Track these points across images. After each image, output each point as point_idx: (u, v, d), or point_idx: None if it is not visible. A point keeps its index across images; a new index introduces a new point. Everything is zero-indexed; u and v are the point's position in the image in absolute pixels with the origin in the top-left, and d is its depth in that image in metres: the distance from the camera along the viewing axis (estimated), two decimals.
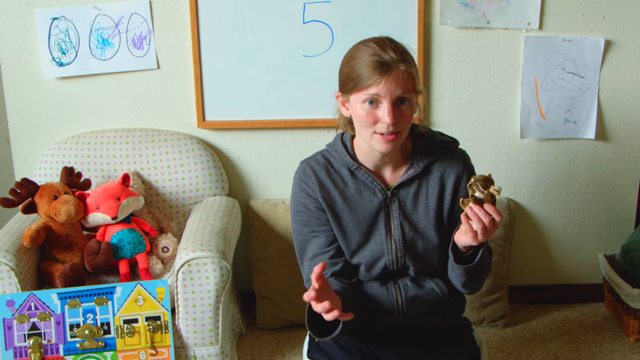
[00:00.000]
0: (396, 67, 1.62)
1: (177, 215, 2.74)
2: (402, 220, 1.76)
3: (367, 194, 1.76)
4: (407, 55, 1.67)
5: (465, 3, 2.67)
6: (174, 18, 2.70)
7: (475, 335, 1.91)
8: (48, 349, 2.27)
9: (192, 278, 2.26)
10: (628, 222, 2.96)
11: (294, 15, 2.67)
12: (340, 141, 1.81)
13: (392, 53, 1.63)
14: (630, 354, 2.67)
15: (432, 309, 1.80)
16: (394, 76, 1.62)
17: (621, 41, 2.74)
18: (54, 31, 2.70)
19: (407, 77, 1.64)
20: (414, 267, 1.78)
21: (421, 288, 1.79)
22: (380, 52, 1.63)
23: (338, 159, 1.79)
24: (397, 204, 1.76)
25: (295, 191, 1.82)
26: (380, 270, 1.78)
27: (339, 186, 1.77)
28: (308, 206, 1.78)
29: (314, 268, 1.49)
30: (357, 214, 1.76)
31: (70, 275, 2.33)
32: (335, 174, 1.78)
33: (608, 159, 2.87)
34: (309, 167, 1.80)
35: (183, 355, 2.35)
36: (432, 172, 1.77)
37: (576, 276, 3.02)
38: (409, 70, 1.64)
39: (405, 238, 1.76)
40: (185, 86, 2.76)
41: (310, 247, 1.79)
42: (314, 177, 1.78)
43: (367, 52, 1.65)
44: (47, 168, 2.72)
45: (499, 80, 2.77)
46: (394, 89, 1.62)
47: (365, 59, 1.64)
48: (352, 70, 1.67)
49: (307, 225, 1.79)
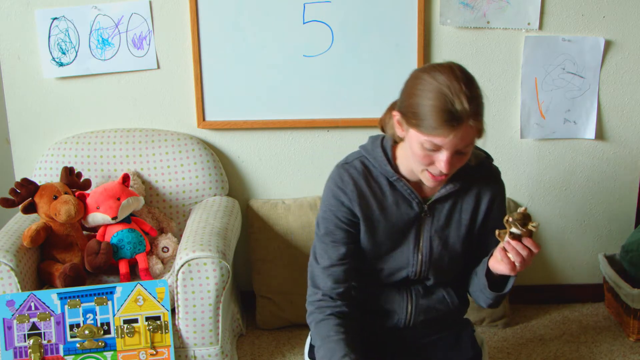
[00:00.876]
0: (466, 122, 1.50)
1: (177, 215, 2.74)
2: (433, 235, 1.73)
3: (404, 206, 1.71)
4: (480, 104, 1.54)
5: (465, 3, 2.67)
6: (174, 18, 2.70)
7: (476, 335, 1.92)
8: (48, 349, 2.27)
9: (192, 278, 2.26)
10: (628, 222, 2.96)
11: (294, 15, 2.67)
12: (380, 149, 1.71)
13: (465, 103, 1.48)
14: (630, 354, 2.67)
15: (439, 317, 1.81)
16: (463, 133, 1.51)
17: (621, 41, 2.74)
18: (54, 31, 2.70)
19: (474, 131, 1.54)
20: (434, 278, 1.77)
21: (432, 296, 1.79)
22: (452, 99, 1.48)
23: (377, 168, 1.71)
24: (430, 219, 1.72)
25: (328, 196, 1.73)
26: (401, 279, 1.76)
27: (377, 196, 1.70)
28: (338, 215, 1.71)
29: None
30: (392, 225, 1.71)
31: (70, 275, 2.33)
32: (374, 182, 1.71)
33: (608, 159, 2.87)
34: (347, 173, 1.71)
35: (183, 355, 2.35)
36: (468, 189, 1.73)
37: (576, 276, 3.02)
38: (478, 125, 1.53)
39: (433, 252, 1.73)
40: (185, 86, 2.77)
41: (328, 255, 1.73)
42: (353, 185, 1.69)
43: (437, 92, 1.50)
44: (47, 168, 2.72)
45: (499, 80, 2.77)
46: (458, 143, 1.52)
47: (434, 103, 1.50)
48: (418, 108, 1.53)
49: (331, 234, 1.72)
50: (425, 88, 1.53)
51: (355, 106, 2.77)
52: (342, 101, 2.76)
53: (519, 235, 1.55)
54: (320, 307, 1.71)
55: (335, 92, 2.75)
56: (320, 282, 1.73)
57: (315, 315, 1.72)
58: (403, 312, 1.78)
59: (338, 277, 1.72)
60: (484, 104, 1.56)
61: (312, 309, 1.74)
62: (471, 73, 1.58)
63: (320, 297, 1.72)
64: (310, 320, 1.74)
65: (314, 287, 1.75)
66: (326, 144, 2.84)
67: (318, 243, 1.75)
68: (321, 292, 1.72)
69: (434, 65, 1.57)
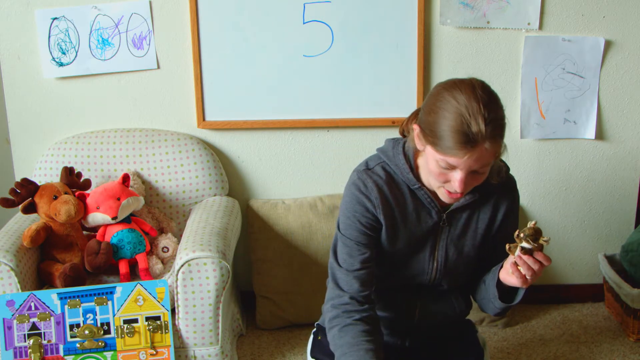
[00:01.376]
0: (482, 145, 1.49)
1: (177, 215, 2.74)
2: (449, 243, 1.73)
3: (424, 215, 1.70)
4: (498, 126, 1.52)
5: (465, 3, 2.67)
6: (174, 18, 2.70)
7: (478, 336, 1.92)
8: (48, 349, 2.27)
9: (192, 278, 2.26)
10: (628, 222, 2.96)
11: (294, 15, 2.67)
12: (402, 155, 1.69)
13: (482, 125, 1.47)
14: (630, 354, 2.67)
15: (445, 321, 1.82)
16: (478, 155, 1.50)
17: (621, 41, 2.74)
18: (54, 31, 2.70)
19: (490, 153, 1.52)
20: (448, 284, 1.77)
21: (440, 302, 1.80)
22: (469, 120, 1.48)
23: (399, 175, 1.69)
24: (448, 227, 1.72)
25: (351, 201, 1.70)
26: (415, 285, 1.77)
27: (400, 203, 1.69)
28: (361, 221, 1.69)
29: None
30: (412, 233, 1.71)
31: (70, 275, 2.33)
32: (396, 189, 1.69)
33: (608, 159, 2.87)
34: (370, 180, 1.69)
35: (183, 355, 2.35)
36: (486, 199, 1.73)
37: (576, 276, 3.02)
38: (494, 148, 1.51)
39: (448, 261, 1.73)
40: (185, 86, 2.76)
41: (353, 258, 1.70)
42: (377, 192, 1.67)
43: (455, 113, 1.50)
44: (47, 168, 2.71)
45: (499, 80, 2.77)
46: (473, 164, 1.52)
47: (451, 123, 1.49)
48: (435, 126, 1.53)
49: (355, 239, 1.70)
50: (444, 107, 1.52)
51: (355, 106, 2.77)
52: (342, 101, 2.76)
53: (530, 249, 1.55)
54: (348, 311, 1.67)
55: (335, 92, 2.75)
56: (345, 285, 1.69)
57: (341, 320, 1.67)
58: (411, 315, 1.79)
59: (364, 280, 1.69)
60: (504, 125, 1.54)
61: (337, 312, 1.68)
62: (494, 91, 1.57)
63: (347, 300, 1.68)
64: (334, 324, 1.68)
65: (339, 289, 1.70)
66: (326, 144, 2.84)
67: (341, 246, 1.72)
68: (348, 295, 1.68)
69: (455, 82, 1.56)
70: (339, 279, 1.70)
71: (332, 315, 1.69)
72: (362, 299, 1.68)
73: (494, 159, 1.56)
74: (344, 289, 1.69)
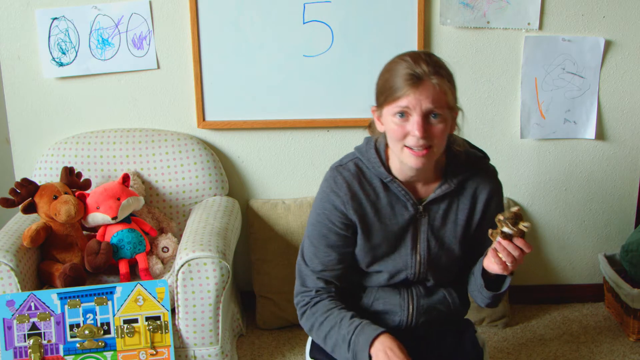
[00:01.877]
0: (427, 80, 1.58)
1: (177, 215, 2.74)
2: (430, 235, 1.73)
3: (399, 208, 1.72)
4: (442, 69, 1.62)
5: (465, 3, 2.67)
6: (174, 18, 2.70)
7: (477, 336, 1.92)
8: (48, 349, 2.27)
9: (192, 278, 2.26)
10: (628, 222, 2.96)
11: (294, 15, 2.67)
12: (374, 150, 1.74)
13: (424, 66, 1.59)
14: (630, 354, 2.67)
15: (440, 317, 1.81)
16: (424, 88, 1.58)
17: (621, 41, 2.74)
18: (54, 31, 2.70)
19: (438, 90, 1.59)
20: (433, 278, 1.78)
21: (433, 296, 1.80)
22: (413, 65, 1.59)
23: (371, 169, 1.73)
24: (426, 219, 1.73)
25: (322, 199, 1.74)
26: (400, 281, 1.77)
27: (371, 198, 1.71)
28: (331, 218, 1.72)
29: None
30: (387, 227, 1.72)
31: (70, 275, 2.33)
32: (367, 184, 1.72)
33: (608, 159, 2.87)
34: (340, 176, 1.72)
35: (183, 355, 2.35)
36: (464, 189, 1.74)
37: (576, 276, 3.02)
38: (441, 83, 1.59)
39: (430, 253, 1.74)
40: (185, 86, 2.76)
41: (320, 260, 1.75)
42: (346, 188, 1.71)
43: (401, 65, 1.62)
44: (47, 168, 2.72)
45: (499, 80, 2.77)
46: (424, 101, 1.58)
47: (399, 71, 1.61)
48: (385, 83, 1.64)
49: (325, 237, 1.74)
50: (390, 67, 1.65)
51: (356, 106, 2.76)
52: (342, 101, 2.76)
53: (510, 234, 1.55)
54: (313, 298, 1.75)
55: (335, 92, 2.75)
56: (310, 283, 1.76)
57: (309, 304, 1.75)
58: (404, 313, 1.78)
59: (328, 281, 1.75)
60: (451, 75, 1.64)
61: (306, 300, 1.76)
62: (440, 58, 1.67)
63: (313, 295, 1.75)
64: (304, 308, 1.76)
65: (304, 286, 1.77)
66: (326, 144, 2.84)
67: (308, 246, 1.77)
68: (313, 290, 1.75)
69: (401, 53, 1.68)
70: (306, 277, 1.76)
71: (301, 305, 1.77)
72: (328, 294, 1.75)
73: (447, 105, 1.61)
74: (309, 286, 1.76)
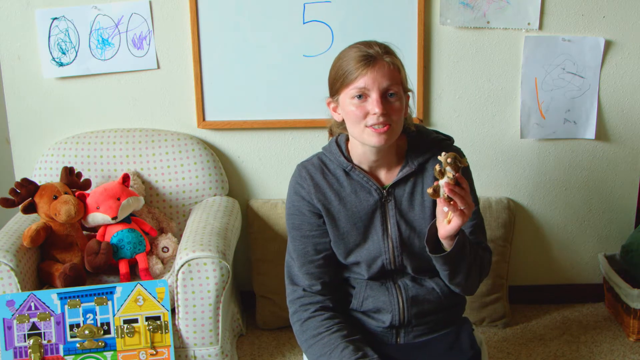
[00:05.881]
0: (381, 59, 1.67)
1: (177, 215, 2.74)
2: (399, 218, 1.77)
3: (363, 194, 1.77)
4: (392, 50, 1.72)
5: (465, 3, 2.67)
6: (174, 18, 2.70)
7: (475, 335, 1.91)
8: (48, 349, 2.27)
9: (192, 278, 2.26)
10: (628, 222, 2.96)
11: (294, 15, 2.67)
12: (335, 143, 1.83)
13: (376, 47, 1.69)
14: (630, 354, 2.67)
15: (432, 309, 1.81)
16: (379, 67, 1.66)
17: (621, 41, 2.74)
18: (54, 31, 2.70)
19: (392, 69, 1.68)
20: (411, 265, 1.79)
21: (421, 287, 1.80)
22: (364, 48, 1.69)
23: (333, 161, 1.80)
24: (393, 203, 1.77)
25: (290, 194, 1.83)
26: (378, 269, 1.79)
27: (334, 187, 1.78)
28: (301, 209, 1.79)
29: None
30: (354, 214, 1.77)
31: (70, 275, 2.33)
32: (330, 175, 1.80)
33: (608, 159, 2.87)
34: (304, 169, 1.82)
35: (183, 355, 2.35)
36: (427, 169, 1.78)
37: (576, 276, 3.02)
38: (394, 62, 1.68)
39: (402, 237, 1.77)
40: (185, 86, 2.77)
41: (299, 252, 1.81)
42: (309, 179, 1.79)
43: (352, 50, 1.71)
44: (47, 168, 2.72)
45: (499, 80, 2.77)
46: (381, 79, 1.66)
47: (351, 55, 1.69)
48: (339, 69, 1.71)
49: (298, 229, 1.81)
50: (340, 56, 1.73)
51: None
52: None
53: (454, 178, 1.54)
54: (304, 305, 1.78)
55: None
56: (297, 279, 1.81)
57: (300, 314, 1.78)
58: (395, 308, 1.78)
59: (312, 274, 1.79)
60: (399, 59, 1.72)
61: (295, 308, 1.80)
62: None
63: (301, 294, 1.79)
64: (295, 319, 1.80)
65: (293, 284, 1.82)
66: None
67: (289, 242, 1.84)
68: (301, 288, 1.80)
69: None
70: (294, 274, 1.82)
71: (292, 311, 1.82)
72: (314, 293, 1.78)
73: (401, 83, 1.69)
74: (297, 283, 1.81)
